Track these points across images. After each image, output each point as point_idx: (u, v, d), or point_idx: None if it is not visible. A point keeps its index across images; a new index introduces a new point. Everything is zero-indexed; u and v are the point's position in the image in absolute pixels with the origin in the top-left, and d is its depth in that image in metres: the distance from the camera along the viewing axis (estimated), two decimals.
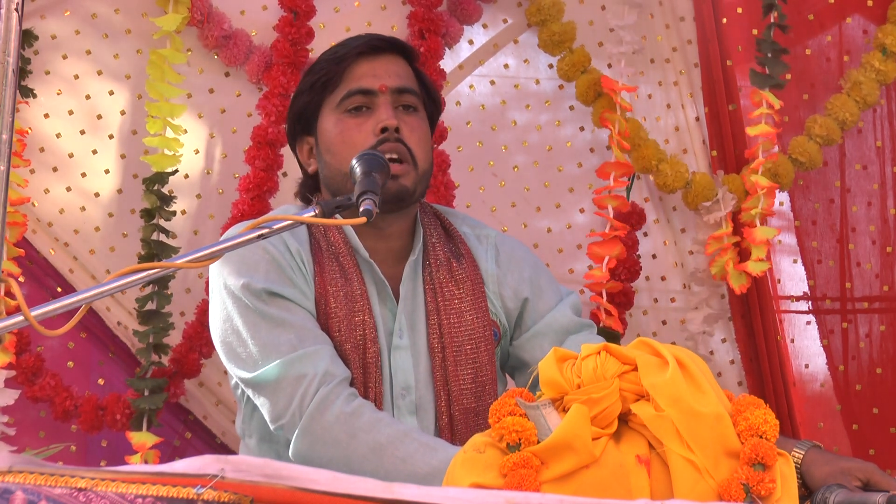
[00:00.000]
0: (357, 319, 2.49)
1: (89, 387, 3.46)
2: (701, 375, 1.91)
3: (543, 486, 1.85)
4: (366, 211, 2.09)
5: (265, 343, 2.43)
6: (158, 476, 1.38)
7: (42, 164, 3.44)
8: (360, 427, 2.35)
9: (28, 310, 1.70)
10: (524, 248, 2.77)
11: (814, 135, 3.56)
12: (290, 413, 2.39)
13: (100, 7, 3.47)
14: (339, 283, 2.51)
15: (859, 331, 3.67)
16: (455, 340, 2.54)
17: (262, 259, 2.48)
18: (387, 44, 2.63)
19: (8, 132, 1.91)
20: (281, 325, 2.44)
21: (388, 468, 2.30)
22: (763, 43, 3.51)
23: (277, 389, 2.41)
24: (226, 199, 3.48)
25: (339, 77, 2.58)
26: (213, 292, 2.54)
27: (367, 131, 2.53)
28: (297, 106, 2.63)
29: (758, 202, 3.45)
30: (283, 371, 2.40)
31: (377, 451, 2.32)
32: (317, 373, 2.39)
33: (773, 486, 1.84)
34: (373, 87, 2.56)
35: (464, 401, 2.53)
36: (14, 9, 1.88)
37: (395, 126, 2.52)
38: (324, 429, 2.36)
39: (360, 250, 2.55)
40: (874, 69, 3.58)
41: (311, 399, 2.38)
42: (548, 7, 3.52)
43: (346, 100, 2.56)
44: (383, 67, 2.59)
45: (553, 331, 2.64)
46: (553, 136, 3.70)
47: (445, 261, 2.59)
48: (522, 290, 2.66)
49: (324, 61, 2.61)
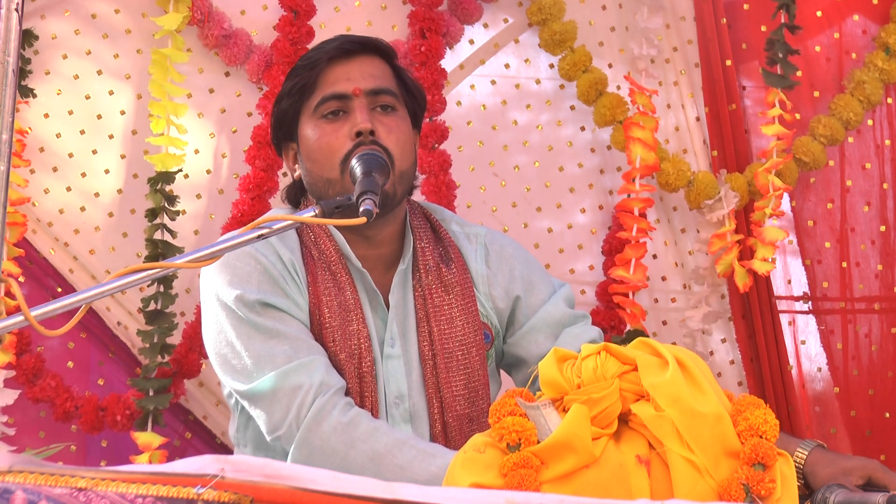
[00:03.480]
0: (351, 329, 2.47)
1: (89, 387, 3.46)
2: (701, 375, 1.91)
3: (543, 486, 1.85)
4: (366, 211, 2.08)
5: (260, 354, 2.42)
6: (158, 476, 1.38)
7: (42, 164, 3.44)
8: (358, 437, 2.34)
9: (28, 310, 1.70)
10: (514, 244, 2.75)
11: (818, 135, 3.57)
12: (286, 424, 2.38)
13: (100, 7, 3.47)
14: (333, 292, 2.49)
15: (859, 331, 3.67)
16: (446, 347, 2.53)
17: (254, 270, 2.46)
18: (359, 45, 2.58)
19: (8, 132, 1.91)
20: (275, 337, 2.42)
21: (387, 477, 2.29)
22: (776, 43, 3.50)
23: (274, 401, 2.39)
24: (226, 199, 3.48)
25: (313, 83, 2.55)
26: (206, 303, 2.52)
27: (343, 136, 2.49)
28: (278, 112, 2.61)
29: (769, 202, 3.46)
30: (279, 382, 2.39)
31: (375, 459, 2.31)
32: (312, 383, 2.38)
33: (773, 486, 1.84)
34: (346, 90, 2.53)
35: (457, 407, 2.52)
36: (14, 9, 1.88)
37: (369, 129, 2.47)
38: (321, 439, 2.35)
39: (351, 259, 2.53)
40: (878, 69, 3.58)
41: (308, 409, 2.36)
42: (549, 6, 3.52)
43: (321, 105, 2.53)
44: (357, 69, 2.55)
45: (547, 324, 2.63)
46: (554, 135, 3.70)
47: (434, 266, 2.58)
48: (514, 288, 2.65)
49: (299, 67, 2.59)
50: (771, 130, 3.48)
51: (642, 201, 3.49)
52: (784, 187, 3.46)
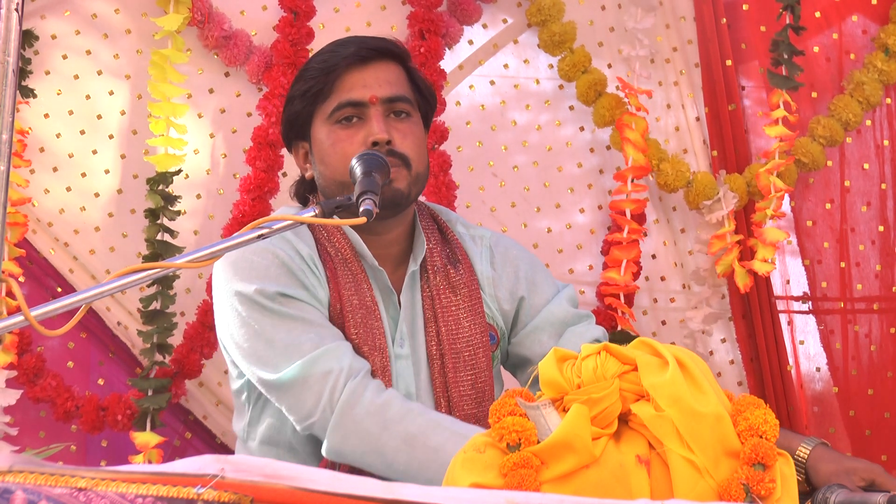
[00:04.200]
0: (371, 324, 2.50)
1: (89, 387, 3.46)
2: (701, 375, 1.91)
3: (543, 486, 1.85)
4: (366, 211, 2.09)
5: (286, 344, 2.42)
6: (159, 476, 1.38)
7: (42, 164, 3.44)
8: (391, 418, 2.35)
9: (28, 310, 1.70)
10: (518, 245, 2.77)
11: (817, 135, 3.56)
12: (320, 409, 2.39)
13: (100, 7, 3.47)
14: (353, 287, 2.51)
15: (859, 331, 3.67)
16: (453, 348, 2.54)
17: (272, 263, 2.47)
18: (376, 52, 2.59)
19: (8, 132, 1.91)
20: (299, 325, 2.44)
21: (420, 458, 2.31)
22: (780, 44, 3.50)
23: (305, 388, 2.40)
24: (226, 199, 3.49)
25: (329, 87, 2.55)
26: (222, 302, 2.51)
27: (357, 143, 2.50)
28: (290, 113, 2.61)
29: (771, 203, 3.46)
30: (308, 369, 2.40)
31: (409, 441, 2.32)
32: (343, 367, 2.39)
33: (773, 486, 1.84)
34: (363, 98, 2.53)
35: (464, 407, 2.53)
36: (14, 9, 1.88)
37: (385, 140, 2.49)
38: (355, 422, 2.36)
39: (367, 257, 2.54)
40: (877, 69, 3.58)
41: (340, 393, 2.38)
42: (548, 7, 3.52)
43: (336, 111, 2.53)
44: (373, 76, 2.56)
45: (551, 324, 2.64)
46: (553, 136, 3.70)
47: (442, 267, 2.59)
48: (518, 289, 2.66)
49: (314, 69, 2.58)
50: (774, 132, 3.48)
51: (634, 202, 3.48)
52: (786, 188, 3.46)
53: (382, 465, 2.35)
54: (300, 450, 2.53)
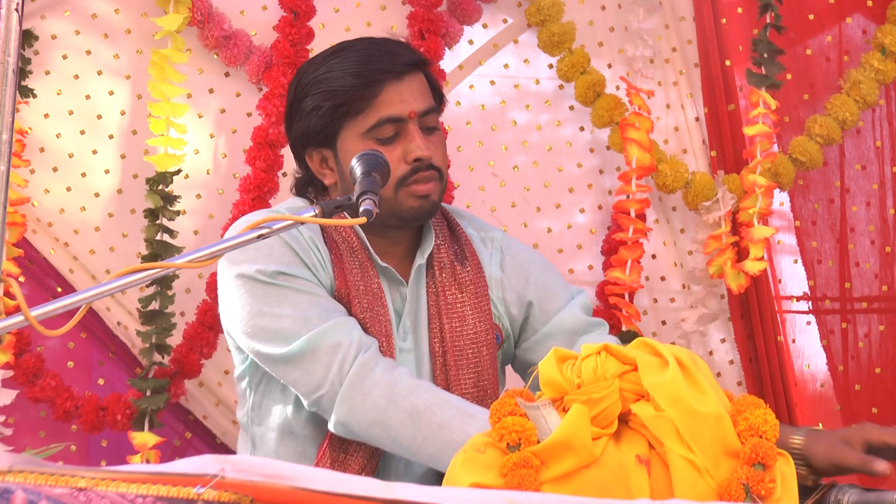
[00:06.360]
0: (378, 310, 2.50)
1: (89, 387, 3.46)
2: (701, 375, 1.91)
3: (543, 486, 1.85)
4: (366, 211, 2.09)
5: (294, 317, 2.44)
6: (159, 476, 1.38)
7: (42, 164, 3.44)
8: (399, 392, 2.36)
9: (28, 310, 1.70)
10: (530, 250, 2.77)
11: (814, 134, 3.56)
12: (329, 381, 2.40)
13: (100, 7, 3.47)
14: (359, 274, 2.52)
15: (858, 331, 3.67)
16: (457, 344, 2.55)
17: (275, 243, 2.48)
18: (411, 66, 2.58)
19: (8, 132, 1.92)
20: (307, 299, 2.45)
21: (424, 433, 2.32)
22: (759, 43, 3.51)
23: (314, 360, 2.41)
24: (226, 199, 3.49)
25: (366, 102, 2.53)
26: (227, 286, 2.52)
27: (397, 159, 2.51)
28: (313, 124, 2.57)
29: (755, 201, 3.46)
30: (317, 341, 2.41)
31: (414, 415, 2.33)
32: (353, 340, 2.41)
33: (773, 486, 1.84)
34: (402, 114, 2.53)
35: None
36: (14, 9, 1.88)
37: (429, 157, 2.52)
38: (363, 394, 2.37)
39: (375, 260, 2.56)
40: (873, 69, 3.58)
41: (351, 365, 2.39)
42: (547, 7, 3.51)
43: (377, 128, 2.52)
44: (409, 90, 2.56)
45: (562, 331, 2.64)
46: (553, 136, 3.70)
47: (449, 263, 2.60)
48: (527, 294, 2.66)
49: (348, 84, 2.53)
50: (752, 131, 3.48)
51: (638, 202, 3.49)
52: (767, 185, 3.45)
53: (387, 439, 2.36)
54: (299, 433, 2.54)
